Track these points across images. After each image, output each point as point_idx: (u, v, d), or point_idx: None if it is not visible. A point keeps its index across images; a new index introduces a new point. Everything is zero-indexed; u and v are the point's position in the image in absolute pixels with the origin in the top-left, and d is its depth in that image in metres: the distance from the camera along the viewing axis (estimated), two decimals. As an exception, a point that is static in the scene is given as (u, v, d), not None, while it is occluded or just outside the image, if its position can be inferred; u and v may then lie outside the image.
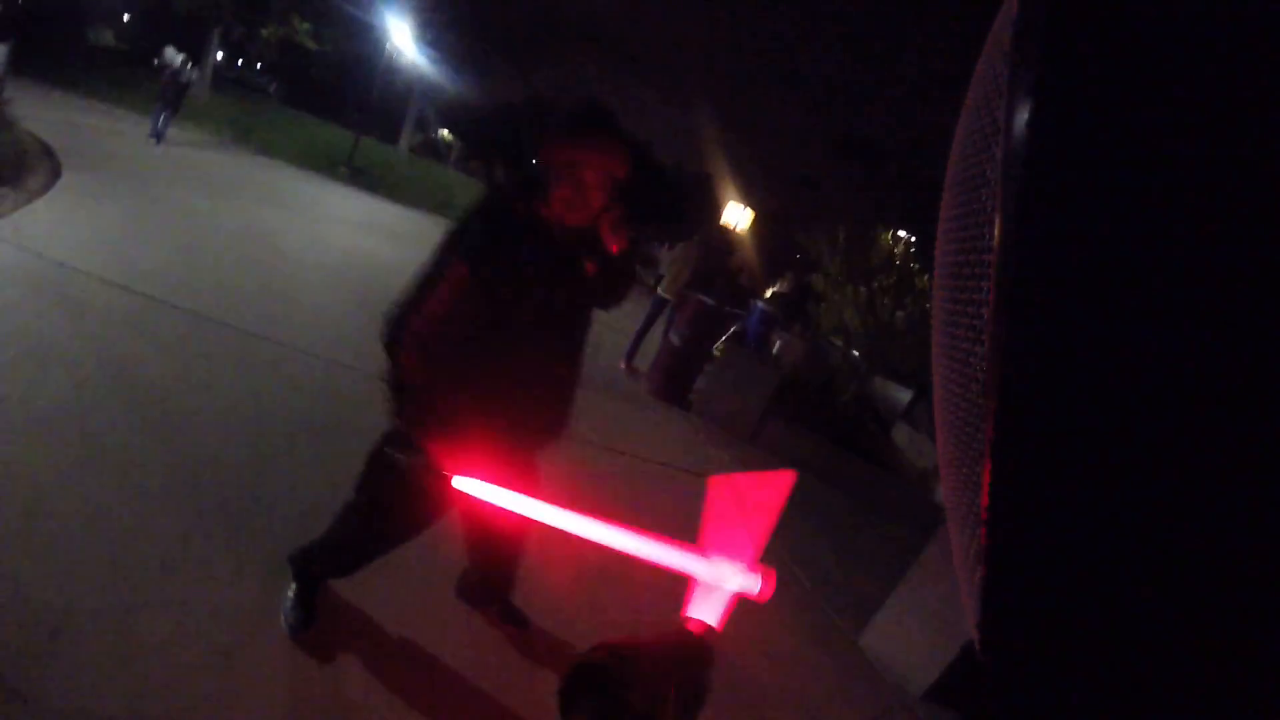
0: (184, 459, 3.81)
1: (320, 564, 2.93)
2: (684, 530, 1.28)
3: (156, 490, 3.49)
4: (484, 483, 1.79)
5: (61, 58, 23.24)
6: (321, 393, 5.25)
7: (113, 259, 6.57)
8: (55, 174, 9.12)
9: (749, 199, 34.26)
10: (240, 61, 52.69)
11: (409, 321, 2.27)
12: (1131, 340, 0.33)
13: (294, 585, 2.97)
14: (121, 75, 26.02)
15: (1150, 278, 0.32)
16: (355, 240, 12.36)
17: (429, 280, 2.28)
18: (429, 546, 3.07)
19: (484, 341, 2.35)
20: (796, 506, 6.98)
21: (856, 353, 12.31)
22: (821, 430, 9.25)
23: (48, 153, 10.15)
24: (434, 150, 49.88)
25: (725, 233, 15.74)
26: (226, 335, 5.71)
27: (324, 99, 44.29)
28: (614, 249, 2.40)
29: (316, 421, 4.65)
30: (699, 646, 1.02)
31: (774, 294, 14.53)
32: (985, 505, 0.37)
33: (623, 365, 10.17)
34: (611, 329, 11.56)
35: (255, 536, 3.34)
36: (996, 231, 0.36)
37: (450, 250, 2.31)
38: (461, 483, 1.81)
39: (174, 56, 16.65)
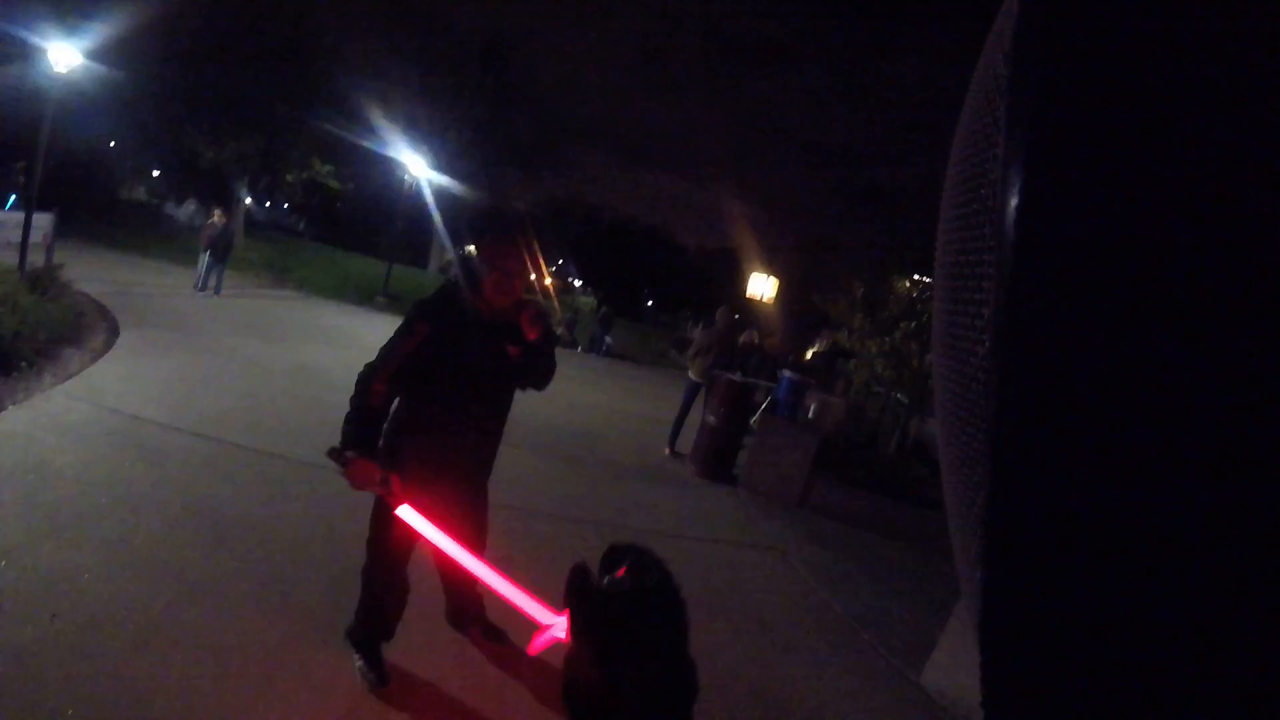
0: (272, 579, 4.19)
1: (367, 627, 3.43)
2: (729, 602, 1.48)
3: (252, 610, 3.85)
4: (417, 515, 2.80)
5: (99, 217, 24.92)
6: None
7: (180, 408, 7.08)
8: (114, 331, 9.79)
9: (772, 268, 34.70)
10: (268, 204, 54.29)
11: (378, 369, 3.06)
12: (1133, 341, 0.33)
13: (357, 655, 3.42)
14: (157, 229, 27.68)
15: (1152, 278, 0.33)
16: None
17: (397, 337, 3.09)
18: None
19: (430, 397, 3.13)
20: (853, 562, 7.14)
21: (904, 399, 12.43)
22: (869, 484, 9.30)
23: (102, 312, 10.87)
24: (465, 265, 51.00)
25: (747, 306, 16.08)
26: (292, 468, 6.13)
27: (353, 232, 45.76)
28: (530, 336, 3.15)
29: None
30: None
31: (814, 354, 14.68)
32: (985, 506, 0.37)
33: (666, 452, 10.44)
34: (656, 422, 11.85)
35: (340, 630, 3.63)
36: (997, 231, 0.37)
37: (416, 315, 3.12)
38: (404, 513, 2.81)
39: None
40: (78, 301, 10.42)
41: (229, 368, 9.48)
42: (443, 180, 31.49)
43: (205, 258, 16.59)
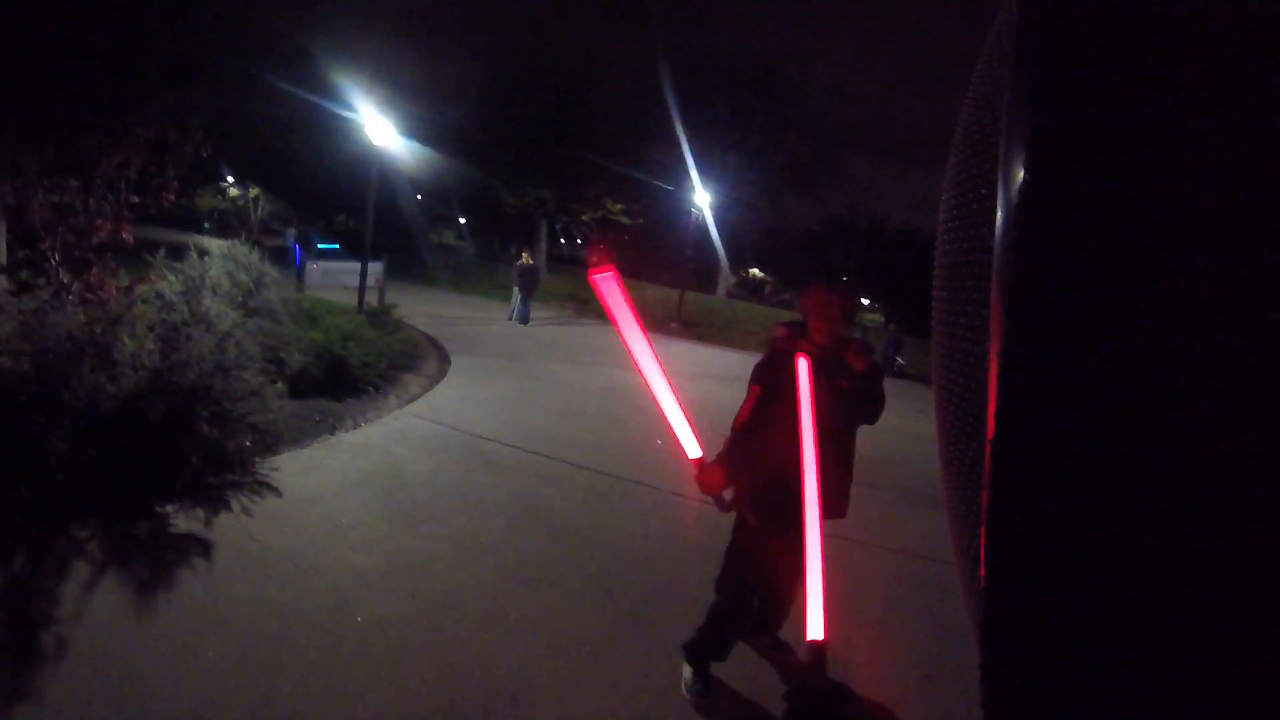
0: (598, 579, 4.47)
1: (706, 646, 3.54)
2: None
3: (581, 603, 4.13)
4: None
5: (416, 259, 28.96)
6: (692, 525, 5.78)
7: (509, 425, 7.81)
8: (444, 359, 10.99)
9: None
10: (575, 240, 57.24)
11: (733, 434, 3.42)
12: (1131, 340, 0.33)
13: (688, 668, 3.53)
14: (467, 268, 31.13)
15: (1151, 278, 0.33)
16: (695, 389, 12.79)
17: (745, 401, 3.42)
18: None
19: (779, 438, 3.22)
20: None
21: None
22: None
23: (433, 342, 12.27)
24: (751, 288, 51.61)
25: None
26: (611, 481, 6.53)
27: (647, 263, 47.72)
28: (859, 368, 3.24)
29: (690, 546, 5.16)
30: None
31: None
32: (985, 505, 0.37)
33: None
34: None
35: (657, 630, 3.85)
36: (997, 231, 0.37)
37: (752, 378, 3.44)
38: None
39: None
40: (411, 334, 11.83)
41: (546, 389, 10.28)
42: (724, 207, 32.05)
43: (516, 292, 18.43)
